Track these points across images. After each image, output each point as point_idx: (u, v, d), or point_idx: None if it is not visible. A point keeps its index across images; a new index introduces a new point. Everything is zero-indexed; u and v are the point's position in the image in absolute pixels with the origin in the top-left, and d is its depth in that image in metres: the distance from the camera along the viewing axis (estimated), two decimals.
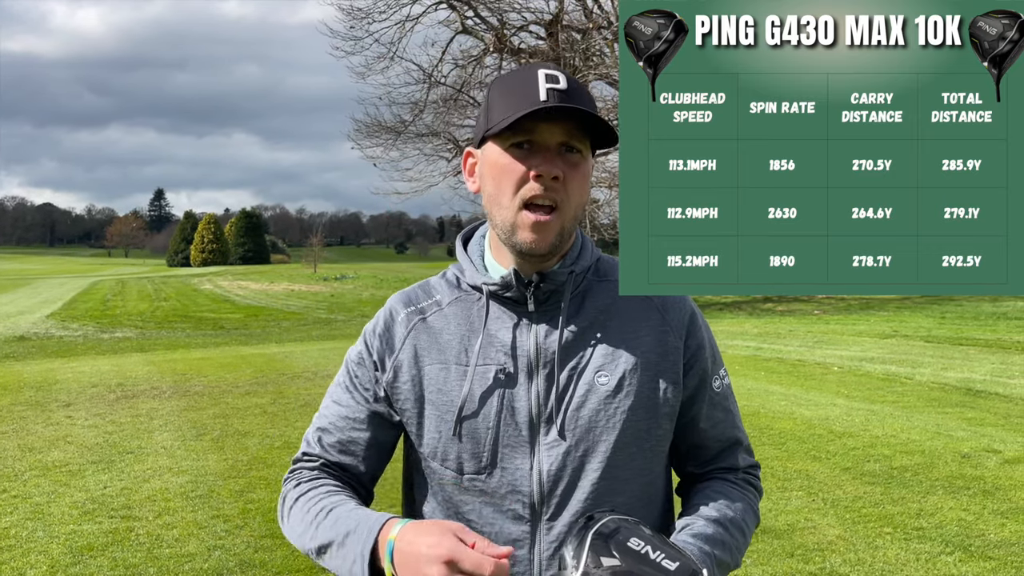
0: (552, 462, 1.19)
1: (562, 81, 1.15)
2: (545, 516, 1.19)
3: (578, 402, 1.20)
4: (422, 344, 1.26)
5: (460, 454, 1.22)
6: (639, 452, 1.22)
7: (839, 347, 13.09)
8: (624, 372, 1.21)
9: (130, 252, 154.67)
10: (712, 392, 1.29)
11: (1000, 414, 7.63)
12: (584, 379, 1.21)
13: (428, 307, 1.29)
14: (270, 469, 6.12)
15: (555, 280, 1.22)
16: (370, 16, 21.64)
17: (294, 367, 11.80)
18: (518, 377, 1.21)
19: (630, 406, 1.20)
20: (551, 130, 1.15)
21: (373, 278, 42.01)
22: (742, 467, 1.33)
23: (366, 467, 1.30)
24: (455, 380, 1.23)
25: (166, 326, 21.49)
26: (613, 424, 1.20)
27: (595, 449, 1.19)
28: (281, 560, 4.33)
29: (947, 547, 4.34)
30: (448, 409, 1.22)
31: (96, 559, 4.39)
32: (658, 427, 1.23)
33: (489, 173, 1.20)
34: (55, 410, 8.63)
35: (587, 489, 1.19)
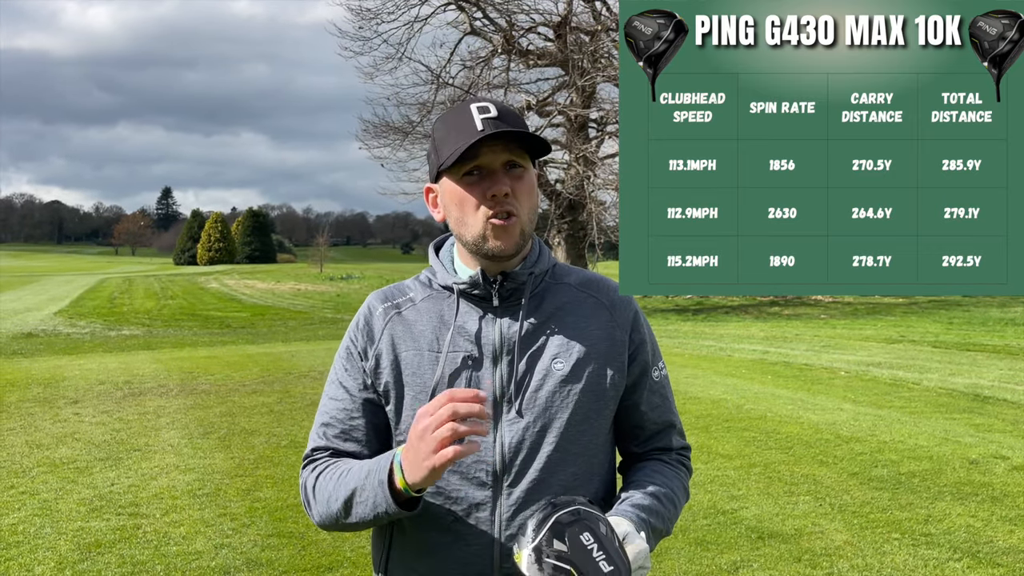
0: (513, 436, 1.38)
1: (492, 110, 1.35)
2: (506, 483, 1.37)
3: (536, 385, 1.39)
4: (398, 334, 1.44)
5: None
6: (588, 429, 1.41)
7: (846, 352, 13.04)
8: (577, 360, 1.40)
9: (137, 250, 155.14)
10: (651, 381, 1.49)
11: (1008, 420, 7.59)
12: (542, 365, 1.39)
13: (403, 303, 1.48)
14: (277, 468, 6.14)
15: (517, 279, 1.41)
16: (379, 17, 21.67)
17: (300, 366, 11.83)
18: (484, 363, 1.40)
19: (581, 389, 1.39)
20: (494, 153, 1.35)
21: (379, 278, 42.03)
22: (675, 447, 1.54)
23: (370, 450, 1.45)
24: (428, 365, 1.40)
25: (173, 324, 21.56)
26: (566, 404, 1.39)
27: (550, 426, 1.38)
28: (288, 559, 4.34)
29: (955, 553, 4.32)
30: (422, 390, 1.40)
31: (104, 556, 4.41)
32: (605, 408, 1.43)
33: (452, 202, 1.41)
34: (63, 407, 8.67)
35: (542, 460, 1.37)
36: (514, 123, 1.35)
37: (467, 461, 1.37)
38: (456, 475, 1.37)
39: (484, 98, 1.38)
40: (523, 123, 1.37)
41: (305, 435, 7.16)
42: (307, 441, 1.50)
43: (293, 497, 5.41)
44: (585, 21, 22.75)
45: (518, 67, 22.92)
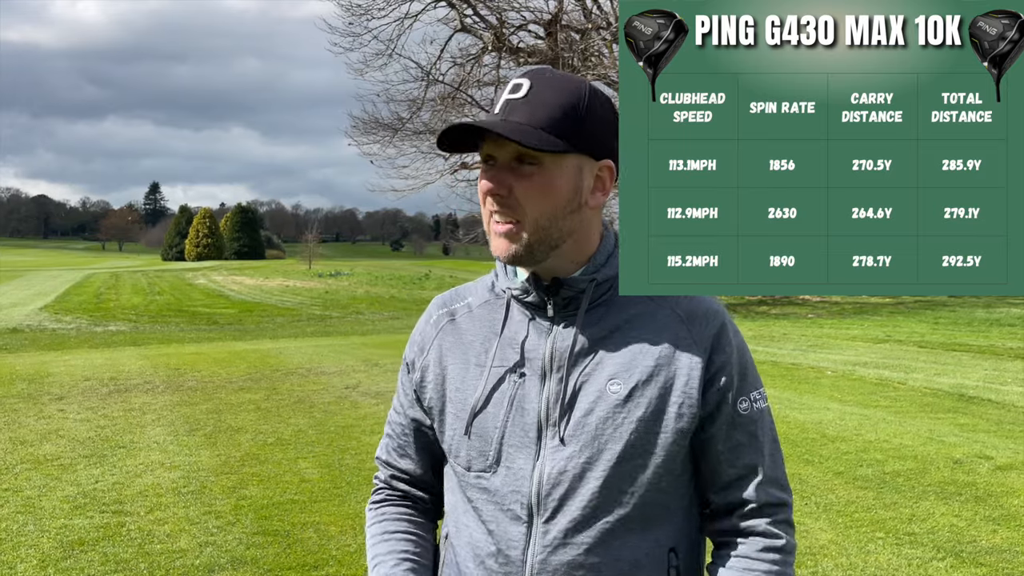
0: (554, 466, 1.19)
1: (523, 89, 1.17)
2: (541, 519, 1.19)
3: (586, 408, 1.19)
4: (447, 345, 1.31)
5: (470, 451, 1.25)
6: (644, 465, 1.18)
7: (833, 351, 13.12)
8: (637, 382, 1.19)
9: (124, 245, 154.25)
10: (736, 413, 1.23)
11: (992, 420, 7.66)
12: (595, 386, 1.20)
13: (459, 309, 1.34)
14: (263, 465, 6.11)
15: (574, 287, 1.23)
16: (369, 13, 21.60)
17: (288, 363, 11.78)
18: (531, 379, 1.22)
19: (639, 417, 1.18)
20: (500, 145, 1.17)
21: (368, 275, 41.96)
22: (761, 503, 1.24)
23: (422, 468, 1.38)
24: (472, 379, 1.26)
25: (160, 320, 21.43)
26: (620, 434, 1.18)
27: (599, 457, 1.18)
28: (273, 557, 4.32)
29: (939, 553, 4.35)
30: (463, 407, 1.26)
31: (87, 554, 4.37)
32: (670, 443, 1.19)
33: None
34: (47, 403, 8.60)
35: (586, 496, 1.18)
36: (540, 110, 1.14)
37: (503, 489, 1.21)
38: (492, 505, 1.22)
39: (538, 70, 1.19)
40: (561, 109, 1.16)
41: (292, 432, 7.14)
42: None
43: (279, 495, 5.39)
44: (576, 19, 22.76)
45: (508, 65, 22.90)
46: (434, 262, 75.73)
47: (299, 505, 5.18)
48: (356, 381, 10.01)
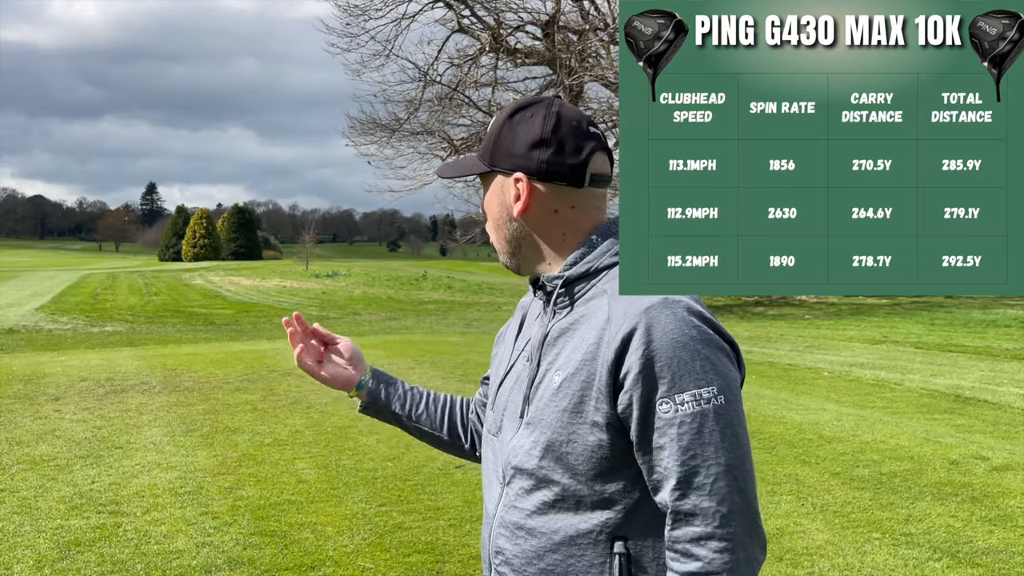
0: (518, 440, 1.38)
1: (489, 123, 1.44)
2: (505, 483, 1.39)
3: (539, 394, 1.36)
4: (514, 320, 1.57)
5: (489, 415, 1.51)
6: (573, 452, 1.29)
7: (829, 352, 13.14)
8: (568, 375, 1.30)
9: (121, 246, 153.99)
10: (655, 417, 1.21)
11: (989, 421, 7.67)
12: (548, 375, 1.35)
13: (526, 302, 1.57)
14: (260, 466, 6.10)
15: (548, 286, 1.39)
16: (366, 13, 21.60)
17: (284, 364, 11.76)
18: (524, 363, 1.43)
19: (563, 407, 1.30)
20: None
21: (365, 275, 41.92)
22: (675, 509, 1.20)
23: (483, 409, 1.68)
24: (501, 358, 1.53)
25: (156, 321, 21.39)
26: (551, 420, 1.32)
27: (540, 439, 1.33)
28: (270, 558, 4.31)
29: (935, 553, 4.35)
30: (494, 382, 1.52)
31: (83, 554, 4.36)
32: (591, 433, 1.26)
33: None
34: (43, 404, 8.58)
35: (529, 469, 1.34)
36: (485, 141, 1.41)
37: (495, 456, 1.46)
38: (490, 464, 1.47)
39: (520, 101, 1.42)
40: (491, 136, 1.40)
41: (289, 433, 7.14)
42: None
43: (276, 495, 5.38)
44: (573, 20, 22.76)
45: (506, 65, 22.91)
46: (431, 263, 75.69)
47: (296, 506, 5.18)
48: None
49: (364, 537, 4.61)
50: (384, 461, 6.23)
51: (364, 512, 5.04)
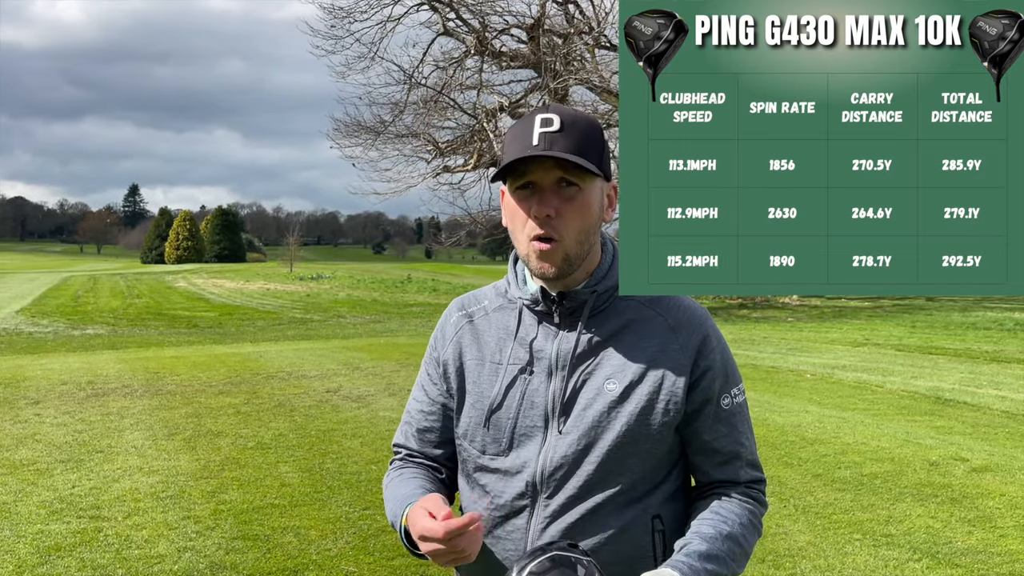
0: (556, 452, 1.39)
1: (555, 123, 1.31)
2: (544, 495, 1.40)
3: (586, 403, 1.39)
4: (466, 342, 1.51)
5: (484, 438, 1.46)
6: (635, 453, 1.39)
7: (812, 354, 13.22)
8: (630, 382, 1.38)
9: (103, 248, 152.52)
10: (719, 409, 1.43)
11: (968, 423, 7.75)
12: (594, 384, 1.39)
13: (476, 312, 1.54)
14: (243, 470, 6.04)
15: (577, 299, 1.41)
16: (351, 16, 21.53)
17: (268, 367, 11.68)
18: (539, 377, 1.42)
19: (630, 412, 1.37)
20: (545, 170, 1.32)
21: (350, 278, 41.75)
22: (742, 480, 1.47)
23: (442, 451, 1.56)
24: (487, 375, 1.46)
25: (139, 324, 21.19)
26: (613, 427, 1.37)
27: (595, 445, 1.37)
28: (253, 562, 4.27)
29: (915, 554, 4.39)
30: (479, 399, 1.46)
31: (64, 559, 4.30)
32: (656, 434, 1.39)
33: (506, 213, 1.43)
34: (23, 408, 8.47)
35: (581, 478, 1.38)
36: (576, 140, 1.30)
37: (512, 469, 1.43)
38: (501, 482, 1.44)
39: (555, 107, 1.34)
40: (590, 139, 1.32)
41: (272, 436, 7.08)
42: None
43: (259, 499, 5.33)
44: (558, 24, 22.80)
45: (491, 68, 22.91)
46: (416, 265, 75.52)
47: (279, 509, 5.13)
48: (337, 385, 9.94)
49: (348, 541, 4.58)
50: (368, 464, 6.20)
51: (348, 515, 5.01)
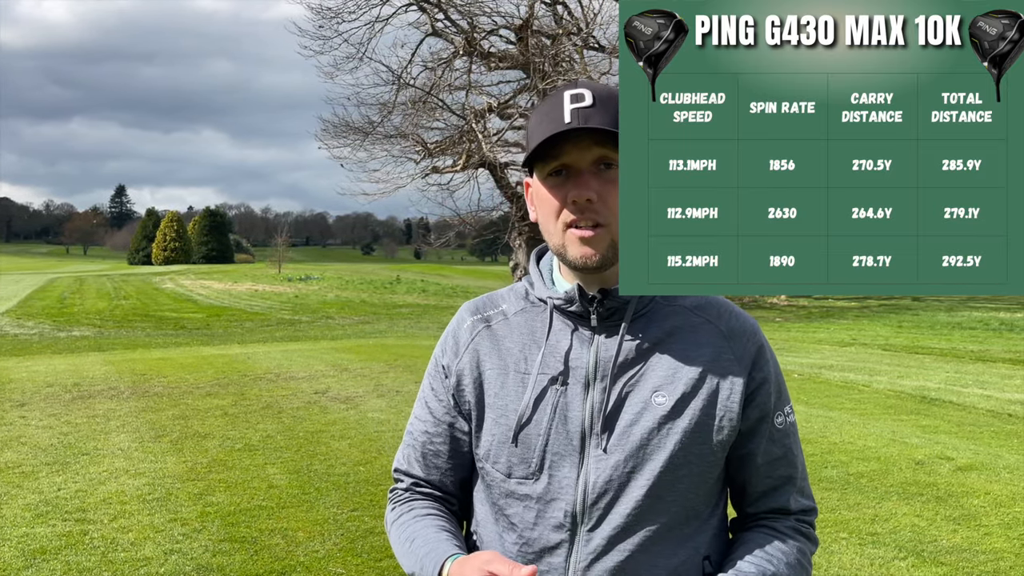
0: (599, 475, 1.20)
1: (587, 97, 1.17)
2: (585, 527, 1.20)
3: (631, 418, 1.21)
4: (484, 350, 1.31)
5: (511, 458, 1.25)
6: (687, 476, 1.21)
7: (799, 354, 13.29)
8: (683, 395, 1.21)
9: (89, 249, 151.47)
10: (773, 428, 1.29)
11: (953, 422, 7.81)
12: (640, 396, 1.22)
13: (494, 316, 1.34)
14: (230, 472, 6.01)
15: (618, 298, 1.24)
16: (339, 16, 21.47)
17: (256, 368, 11.63)
18: (574, 388, 1.23)
19: (684, 429, 1.21)
20: (580, 151, 1.18)
21: (338, 279, 41.63)
22: (794, 511, 1.31)
23: (452, 477, 1.36)
24: (512, 386, 1.26)
25: (125, 325, 21.04)
26: (664, 445, 1.20)
27: (643, 467, 1.20)
28: (240, 564, 4.25)
29: (900, 552, 4.41)
30: (503, 414, 1.26)
31: (49, 562, 4.26)
32: (710, 454, 1.23)
33: (537, 203, 1.26)
34: (8, 410, 8.39)
35: (630, 505, 1.19)
36: (613, 115, 1.14)
37: (545, 497, 1.22)
38: (532, 512, 1.23)
39: (585, 83, 1.21)
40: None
41: (260, 438, 7.04)
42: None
43: (246, 501, 5.30)
44: (547, 24, 22.82)
45: (479, 69, 22.90)
46: (405, 266, 75.38)
47: (267, 511, 5.11)
48: (325, 386, 9.91)
49: (336, 542, 4.56)
50: (356, 466, 6.17)
51: (336, 517, 4.99)
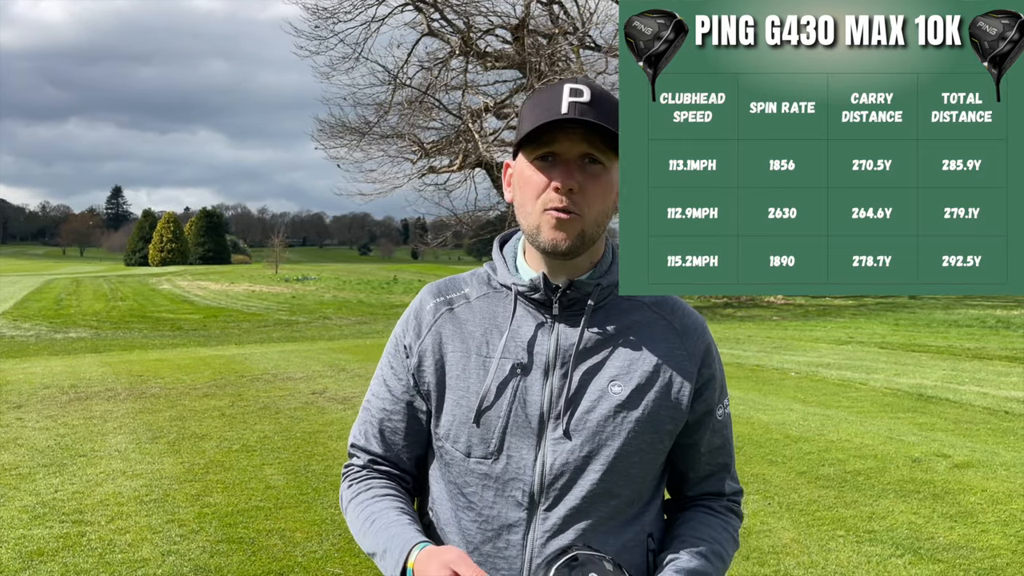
0: (556, 457, 1.27)
1: (586, 94, 1.21)
2: (543, 506, 1.27)
3: (589, 405, 1.27)
4: (446, 332, 1.35)
5: (471, 438, 1.30)
6: (639, 462, 1.29)
7: (796, 353, 13.31)
8: (637, 385, 1.28)
9: (86, 251, 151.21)
10: (715, 420, 1.37)
11: (950, 419, 7.82)
12: (597, 385, 1.28)
13: (456, 299, 1.38)
14: (227, 473, 6.00)
15: (582, 289, 1.29)
16: (335, 16, 21.47)
17: (253, 369, 11.61)
18: (534, 374, 1.29)
19: (637, 418, 1.28)
20: (571, 142, 1.23)
21: (335, 279, 41.59)
22: (727, 493, 1.42)
23: (408, 455, 1.40)
24: (474, 369, 1.31)
25: (122, 326, 21.00)
26: (619, 433, 1.27)
27: (599, 452, 1.27)
28: (237, 565, 4.24)
29: (898, 550, 4.42)
30: (464, 395, 1.30)
31: (46, 564, 4.25)
32: (659, 442, 1.31)
33: (518, 183, 1.30)
34: (5, 412, 8.37)
35: (586, 487, 1.26)
36: (606, 116, 1.20)
37: (504, 476, 1.28)
38: (491, 491, 1.28)
39: (585, 80, 1.25)
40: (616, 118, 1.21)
41: (258, 439, 7.03)
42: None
43: (244, 502, 5.30)
44: (543, 24, 22.84)
45: (476, 69, 22.91)
46: (402, 266, 75.34)
47: (264, 512, 5.10)
48: (323, 387, 9.90)
49: (333, 543, 4.55)
50: None
51: (333, 517, 4.98)
